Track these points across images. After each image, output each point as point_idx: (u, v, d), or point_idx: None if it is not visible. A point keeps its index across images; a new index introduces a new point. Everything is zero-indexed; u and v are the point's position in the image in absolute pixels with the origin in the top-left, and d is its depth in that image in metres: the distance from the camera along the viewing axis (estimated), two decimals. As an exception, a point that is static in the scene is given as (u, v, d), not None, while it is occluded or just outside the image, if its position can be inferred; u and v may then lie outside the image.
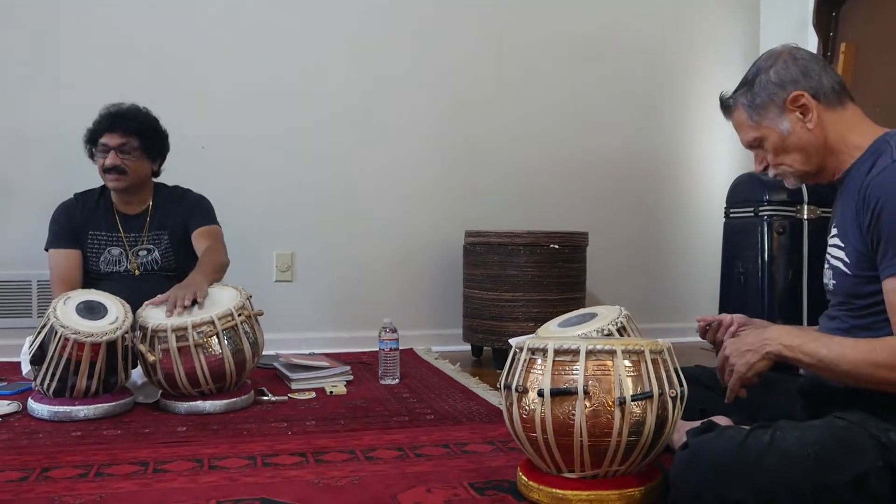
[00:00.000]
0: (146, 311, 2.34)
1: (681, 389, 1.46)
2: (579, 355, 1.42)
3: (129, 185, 2.74)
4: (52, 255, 2.75)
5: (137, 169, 2.73)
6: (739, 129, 1.66)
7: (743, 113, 1.63)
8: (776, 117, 1.58)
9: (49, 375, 2.18)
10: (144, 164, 2.76)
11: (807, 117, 1.55)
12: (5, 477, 1.67)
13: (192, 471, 1.72)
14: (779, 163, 1.62)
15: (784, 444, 1.31)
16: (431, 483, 1.65)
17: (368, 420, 2.21)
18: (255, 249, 3.45)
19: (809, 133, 1.56)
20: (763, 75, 1.59)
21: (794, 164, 1.60)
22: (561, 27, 3.83)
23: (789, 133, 1.57)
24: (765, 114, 1.59)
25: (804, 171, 1.61)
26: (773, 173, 1.65)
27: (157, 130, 2.78)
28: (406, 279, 3.65)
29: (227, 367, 2.29)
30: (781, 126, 1.58)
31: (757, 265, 2.94)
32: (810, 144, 1.57)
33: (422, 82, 3.66)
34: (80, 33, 3.28)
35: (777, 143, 1.59)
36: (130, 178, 2.72)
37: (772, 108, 1.58)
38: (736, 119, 1.66)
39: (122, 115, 2.71)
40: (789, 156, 1.60)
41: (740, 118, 1.64)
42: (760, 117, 1.59)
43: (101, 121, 2.72)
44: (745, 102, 1.61)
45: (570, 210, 3.81)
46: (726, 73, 4.04)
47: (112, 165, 2.68)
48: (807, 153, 1.58)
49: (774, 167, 1.63)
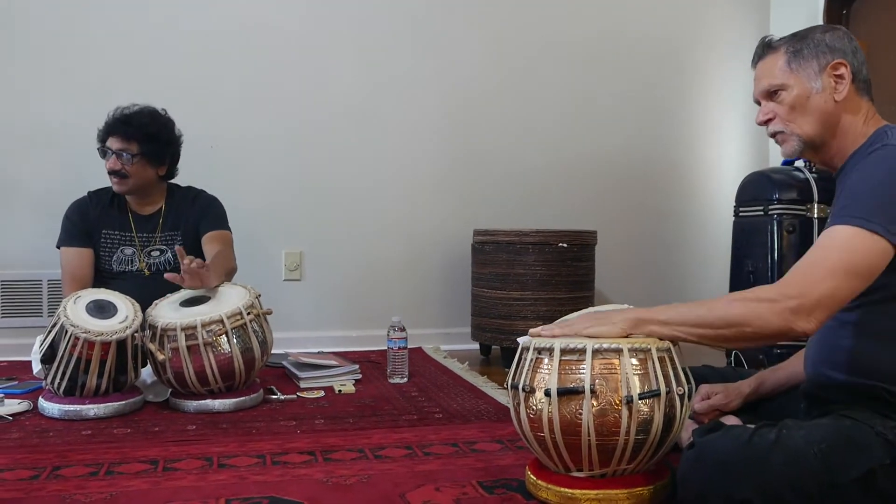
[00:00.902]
0: (156, 310, 2.35)
1: (688, 387, 1.46)
2: (586, 354, 1.42)
3: (130, 189, 2.74)
4: (63, 253, 2.76)
5: (138, 174, 2.72)
6: (765, 74, 1.61)
7: (781, 57, 1.58)
8: (812, 74, 1.55)
9: (59, 374, 2.19)
10: (147, 169, 2.74)
11: (839, 87, 1.53)
12: (16, 475, 1.69)
13: (202, 469, 1.73)
14: (790, 120, 1.57)
15: (790, 443, 1.31)
16: (440, 482, 1.65)
17: (377, 419, 2.21)
18: (264, 248, 3.46)
19: (834, 103, 1.53)
20: (818, 34, 1.57)
21: (804, 126, 1.56)
22: (566, 25, 3.83)
23: (816, 93, 1.54)
24: (804, 65, 1.55)
25: (809, 138, 1.57)
26: (773, 130, 1.60)
27: (159, 137, 2.73)
28: (414, 278, 3.66)
29: (236, 366, 2.29)
30: (813, 83, 1.54)
31: (766, 264, 2.94)
32: (829, 114, 1.54)
33: (430, 81, 3.66)
34: (90, 34, 3.30)
35: (799, 99, 1.56)
36: (131, 183, 2.72)
37: (813, 64, 1.55)
38: (768, 63, 1.60)
39: (125, 121, 2.70)
40: (804, 116, 1.56)
41: (774, 62, 1.59)
42: (799, 66, 1.56)
43: (108, 123, 2.73)
44: (790, 49, 1.57)
45: (579, 208, 3.80)
46: (734, 72, 4.03)
47: (111, 169, 2.70)
48: (822, 120, 1.55)
49: (783, 123, 1.58)
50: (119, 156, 2.68)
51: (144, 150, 2.70)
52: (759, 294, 1.41)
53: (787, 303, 1.35)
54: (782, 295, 1.36)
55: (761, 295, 1.40)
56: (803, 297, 1.35)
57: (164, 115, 2.80)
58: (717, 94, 4.07)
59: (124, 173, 2.69)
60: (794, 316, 1.35)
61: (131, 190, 2.75)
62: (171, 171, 2.86)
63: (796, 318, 1.35)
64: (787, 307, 1.35)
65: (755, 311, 1.37)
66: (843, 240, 1.37)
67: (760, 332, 1.39)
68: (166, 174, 2.84)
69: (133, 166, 2.69)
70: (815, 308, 1.34)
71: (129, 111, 2.73)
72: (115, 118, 2.72)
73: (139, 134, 2.69)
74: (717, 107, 4.07)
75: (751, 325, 1.38)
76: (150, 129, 2.71)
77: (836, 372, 1.50)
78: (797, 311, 1.34)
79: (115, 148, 2.68)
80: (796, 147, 1.59)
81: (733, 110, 4.08)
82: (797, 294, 1.35)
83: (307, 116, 3.53)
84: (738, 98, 4.06)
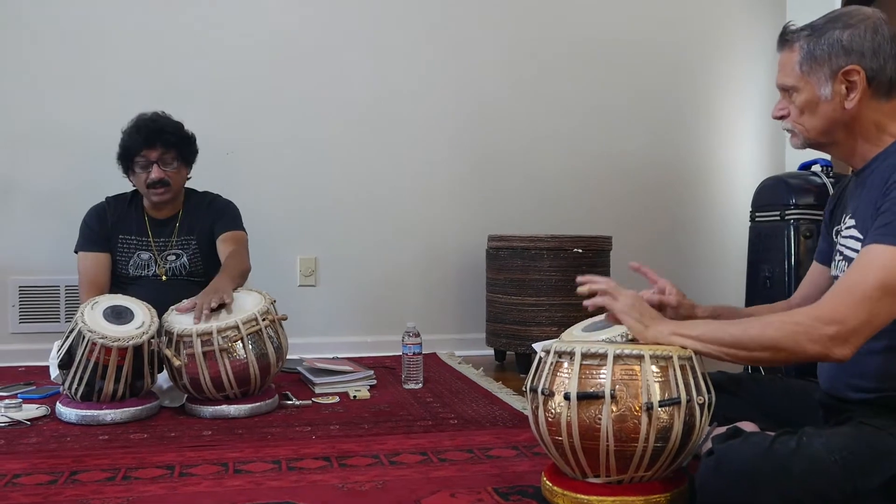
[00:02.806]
0: (172, 316, 2.36)
1: (709, 396, 1.45)
2: (607, 359, 1.41)
3: (174, 196, 2.77)
4: (80, 258, 2.78)
5: (179, 178, 2.76)
6: (782, 69, 1.57)
7: (797, 56, 1.52)
8: (822, 79, 1.50)
9: (77, 379, 2.20)
10: (184, 172, 2.79)
11: (850, 95, 1.48)
12: (35, 480, 1.69)
13: (218, 475, 1.74)
14: (799, 122, 1.55)
15: (811, 450, 1.30)
16: (455, 488, 1.64)
17: (392, 424, 2.21)
18: (279, 254, 3.47)
19: (843, 111, 1.49)
20: (837, 31, 1.48)
21: (811, 129, 1.54)
22: (582, 29, 3.82)
23: (825, 100, 1.50)
24: (815, 69, 1.50)
25: (817, 140, 1.55)
26: (785, 126, 1.59)
27: (188, 137, 2.79)
28: (429, 284, 3.66)
29: (251, 372, 2.30)
30: (822, 90, 1.50)
31: (783, 269, 2.91)
32: (836, 121, 1.51)
33: (445, 87, 3.67)
34: (109, 41, 3.32)
35: (807, 103, 1.52)
36: (174, 189, 2.75)
37: (824, 68, 1.49)
38: (785, 57, 1.56)
39: (158, 130, 2.69)
40: (811, 120, 1.53)
41: (790, 59, 1.54)
42: (809, 69, 1.51)
43: (135, 136, 2.69)
44: (805, 48, 1.51)
45: (594, 214, 3.79)
46: (750, 75, 4.02)
47: (158, 179, 2.68)
48: (829, 127, 1.52)
49: (792, 122, 1.57)
50: (161, 164, 2.69)
51: (181, 154, 2.74)
52: (797, 318, 1.38)
53: (825, 329, 1.33)
54: (820, 320, 1.34)
55: (798, 319, 1.37)
56: (841, 324, 1.32)
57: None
58: (732, 98, 4.05)
59: (168, 181, 2.70)
60: (832, 342, 1.33)
61: (173, 197, 2.77)
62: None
63: (833, 344, 1.33)
64: (825, 334, 1.33)
65: (792, 337, 1.36)
66: (884, 260, 1.33)
67: (795, 357, 1.38)
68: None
69: (175, 172, 2.73)
70: (852, 335, 1.32)
71: (152, 119, 2.73)
72: (147, 129, 2.69)
73: (175, 138, 2.71)
74: (733, 110, 4.05)
75: (786, 350, 1.37)
76: (182, 131, 2.76)
77: (857, 386, 1.49)
78: (835, 338, 1.32)
79: (156, 157, 2.68)
80: (801, 146, 1.59)
81: (749, 114, 4.06)
82: (835, 320, 1.33)
83: (322, 122, 3.54)
84: (755, 101, 4.04)
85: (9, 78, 3.24)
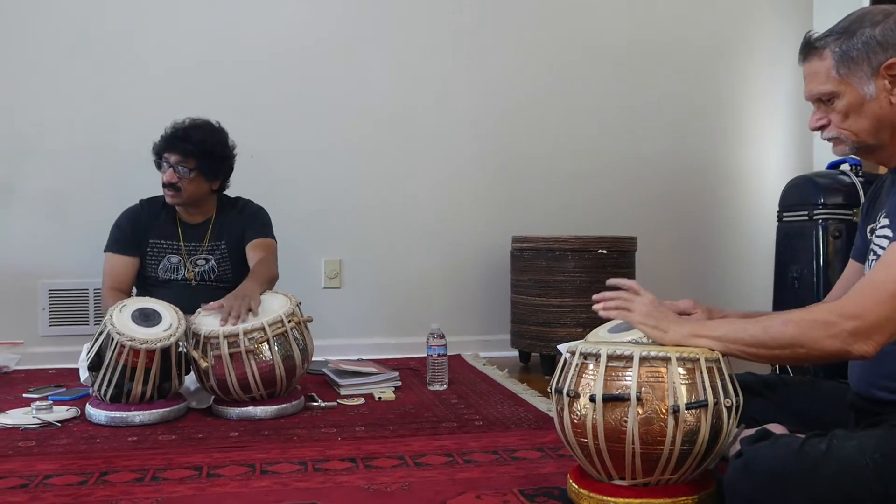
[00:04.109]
0: (199, 318, 2.38)
1: (736, 399, 1.43)
2: (633, 361, 1.40)
3: (183, 202, 2.78)
4: (108, 259, 2.81)
5: (192, 188, 2.75)
6: (813, 78, 1.51)
7: (829, 61, 1.48)
8: (864, 77, 1.45)
9: (106, 381, 2.23)
10: (202, 184, 2.77)
11: (894, 90, 1.44)
12: (66, 480, 1.72)
13: (245, 476, 1.75)
14: (844, 127, 1.50)
15: (842, 453, 1.28)
16: (481, 489, 1.64)
17: (417, 426, 2.21)
18: (304, 257, 3.49)
19: (891, 106, 1.45)
20: (868, 29, 1.44)
21: (859, 132, 1.49)
22: (605, 31, 3.81)
23: (871, 99, 1.45)
24: (854, 70, 1.46)
25: (866, 142, 1.50)
26: (828, 136, 1.53)
27: (214, 153, 2.75)
28: (453, 285, 3.66)
29: (277, 373, 2.31)
30: (865, 89, 1.45)
31: (812, 270, 2.88)
32: (886, 118, 1.46)
33: (468, 89, 3.67)
34: (136, 50, 3.36)
35: (852, 105, 1.47)
36: (185, 196, 2.75)
37: (863, 67, 1.45)
38: (815, 66, 1.50)
39: (183, 137, 2.72)
40: (858, 122, 1.48)
41: (821, 66, 1.49)
42: (848, 71, 1.46)
43: (163, 137, 2.75)
44: (837, 51, 1.47)
45: (619, 214, 3.77)
46: (777, 73, 3.98)
47: (167, 182, 2.72)
48: (878, 125, 1.47)
49: (836, 129, 1.51)
50: (175, 169, 2.71)
51: (201, 167, 2.73)
52: (816, 315, 1.37)
53: (845, 325, 1.31)
54: (839, 316, 1.32)
55: (818, 316, 1.36)
56: (861, 320, 1.30)
57: (218, 128, 2.81)
58: (759, 97, 4.01)
59: (179, 187, 2.72)
60: (852, 339, 1.31)
61: (184, 203, 2.78)
62: (224, 184, 2.89)
63: (854, 340, 1.31)
64: (845, 329, 1.31)
65: (810, 334, 1.34)
66: None
67: (816, 354, 1.36)
68: (219, 187, 2.88)
69: (189, 181, 2.73)
70: (873, 331, 1.30)
71: (188, 126, 2.75)
72: (174, 133, 2.74)
73: (197, 150, 2.72)
74: (760, 109, 4.01)
75: (805, 347, 1.35)
76: (207, 145, 2.73)
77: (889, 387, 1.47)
78: (855, 333, 1.31)
79: (173, 161, 2.71)
80: (849, 151, 1.54)
81: (776, 113, 4.02)
82: (855, 315, 1.31)
83: (348, 127, 3.55)
84: (782, 100, 4.00)
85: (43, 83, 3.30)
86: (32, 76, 3.28)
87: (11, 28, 3.26)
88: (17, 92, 3.28)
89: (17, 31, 3.26)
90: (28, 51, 3.28)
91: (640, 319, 1.53)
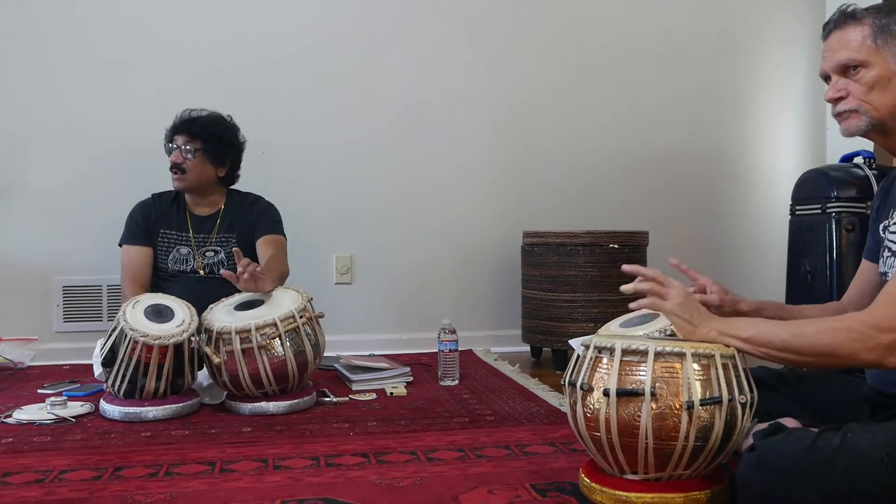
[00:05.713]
0: (211, 314, 2.39)
1: (751, 395, 1.42)
2: (647, 356, 1.39)
3: (188, 185, 2.84)
4: (124, 251, 2.87)
5: (197, 170, 2.82)
6: (844, 45, 1.52)
7: (865, 30, 1.49)
8: None
9: (120, 377, 2.24)
10: (207, 167, 2.85)
11: None
12: (80, 475, 1.73)
13: (258, 471, 1.75)
14: (867, 100, 1.50)
15: (856, 447, 1.27)
16: (493, 484, 1.64)
17: (429, 421, 2.22)
18: (316, 252, 3.49)
19: None
20: None
21: (881, 107, 1.49)
22: (616, 23, 3.79)
23: None
24: (891, 43, 1.47)
25: (883, 120, 1.50)
26: (845, 107, 1.53)
27: (221, 138, 2.86)
28: (464, 280, 3.66)
29: (289, 369, 2.32)
30: None
31: (825, 263, 2.86)
32: None
33: (480, 84, 3.66)
34: (147, 45, 3.38)
35: (881, 78, 1.48)
36: (190, 179, 2.82)
37: None
38: (848, 35, 1.51)
39: (191, 120, 2.85)
40: (883, 97, 1.49)
41: (856, 34, 1.50)
42: (885, 43, 1.47)
43: (175, 122, 2.87)
44: (877, 23, 1.48)
45: (630, 209, 3.76)
46: (789, 67, 3.95)
47: (173, 163, 2.82)
48: None
49: (857, 101, 1.51)
50: (181, 151, 2.79)
51: (206, 148, 2.82)
52: (850, 325, 1.36)
53: (881, 338, 1.31)
54: (876, 329, 1.32)
55: (853, 326, 1.35)
56: None
57: (229, 120, 2.93)
58: (771, 90, 3.98)
59: (184, 168, 2.80)
60: (887, 352, 1.31)
61: (189, 186, 2.84)
62: (232, 174, 2.95)
63: (889, 353, 1.31)
64: (881, 343, 1.31)
65: (846, 345, 1.34)
66: None
67: (848, 364, 1.36)
68: (226, 176, 2.92)
69: (193, 162, 2.80)
70: None
71: (196, 113, 2.88)
72: (182, 118, 2.87)
73: (203, 132, 2.82)
74: (772, 103, 3.99)
75: (839, 358, 1.35)
76: (213, 129, 2.85)
77: None
78: (891, 346, 1.30)
79: (180, 143, 2.81)
80: (863, 127, 1.52)
81: (788, 105, 3.99)
82: (892, 329, 1.30)
83: (357, 121, 3.56)
84: (794, 94, 3.97)
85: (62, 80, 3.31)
86: (50, 74, 3.30)
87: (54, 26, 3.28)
88: (34, 90, 3.30)
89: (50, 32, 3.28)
90: (47, 49, 3.29)
91: (674, 310, 1.51)
